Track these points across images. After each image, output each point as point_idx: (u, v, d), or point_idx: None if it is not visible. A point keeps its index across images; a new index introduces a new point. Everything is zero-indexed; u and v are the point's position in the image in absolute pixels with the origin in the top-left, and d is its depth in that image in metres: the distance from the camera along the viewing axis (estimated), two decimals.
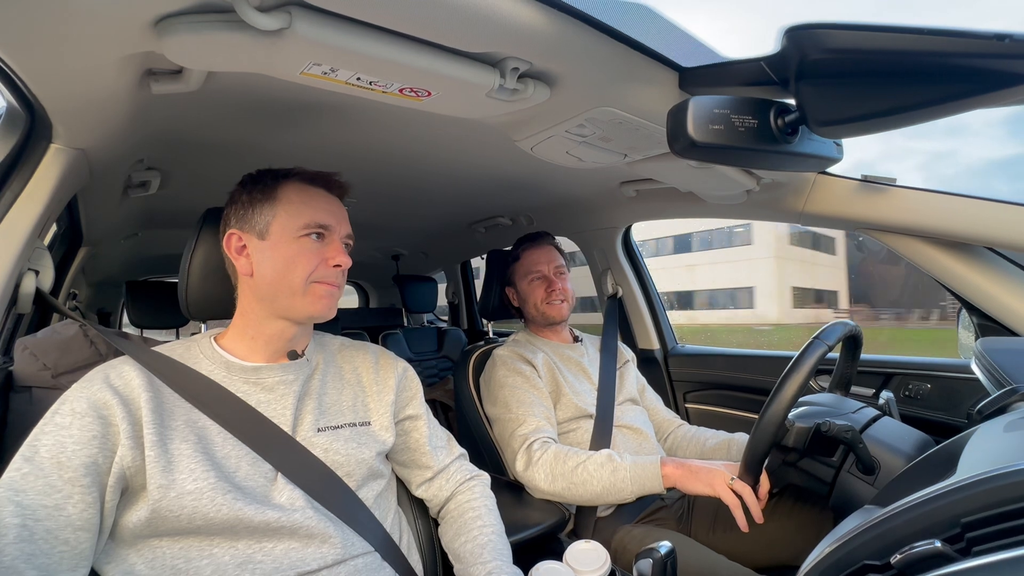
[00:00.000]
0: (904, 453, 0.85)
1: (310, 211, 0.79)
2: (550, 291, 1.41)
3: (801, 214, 1.25)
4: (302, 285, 0.76)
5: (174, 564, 0.64)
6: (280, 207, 0.78)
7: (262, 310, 0.79)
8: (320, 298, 0.78)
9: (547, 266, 1.44)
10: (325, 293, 0.78)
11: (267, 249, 0.77)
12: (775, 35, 0.59)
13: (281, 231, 0.77)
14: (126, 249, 2.25)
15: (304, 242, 0.77)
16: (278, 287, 0.76)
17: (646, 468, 1.06)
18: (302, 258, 0.76)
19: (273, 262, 0.76)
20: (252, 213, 0.78)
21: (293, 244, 0.77)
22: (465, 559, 0.83)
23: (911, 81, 0.54)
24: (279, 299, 0.77)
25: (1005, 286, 1.05)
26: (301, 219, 0.78)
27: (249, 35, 0.61)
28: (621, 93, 0.85)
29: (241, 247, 0.78)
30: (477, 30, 0.65)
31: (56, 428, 0.63)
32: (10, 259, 0.75)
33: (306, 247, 0.77)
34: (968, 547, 0.38)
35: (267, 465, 0.72)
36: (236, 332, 0.81)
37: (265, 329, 0.79)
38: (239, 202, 0.80)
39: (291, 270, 0.76)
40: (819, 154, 0.71)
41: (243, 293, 0.81)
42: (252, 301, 0.79)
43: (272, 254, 0.76)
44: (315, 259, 0.77)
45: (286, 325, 0.80)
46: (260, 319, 0.79)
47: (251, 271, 0.77)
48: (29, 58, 0.64)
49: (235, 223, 0.79)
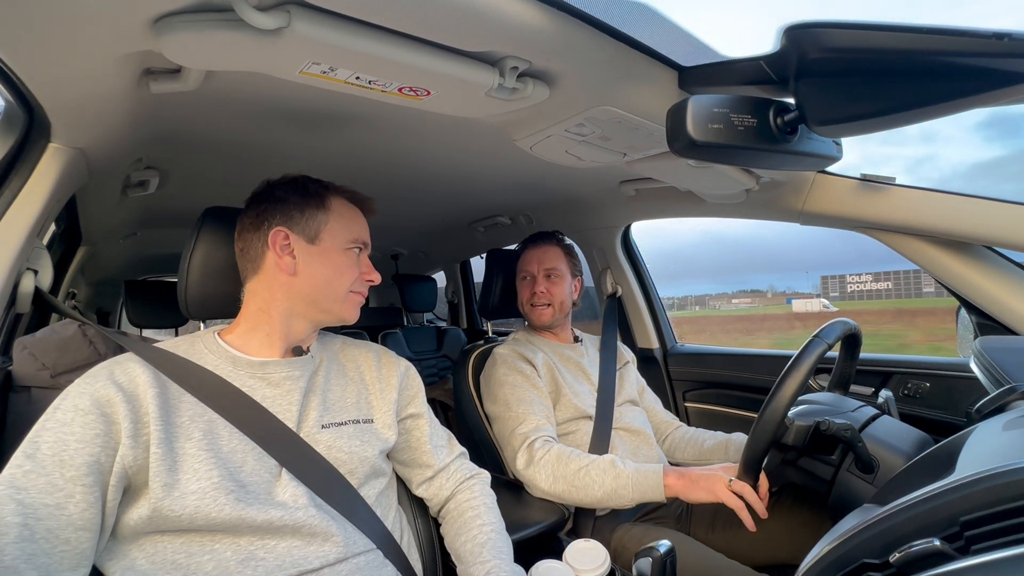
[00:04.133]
0: (903, 452, 0.85)
1: (357, 227, 0.85)
2: (532, 293, 1.39)
3: (800, 213, 1.25)
4: (344, 293, 0.82)
5: (175, 560, 0.64)
6: (332, 217, 0.83)
7: (293, 308, 0.80)
8: (354, 307, 0.85)
9: (536, 266, 1.41)
10: (358, 302, 0.86)
11: (318, 254, 0.80)
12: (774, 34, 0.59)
13: (332, 239, 0.82)
14: (125, 248, 2.24)
15: (350, 254, 0.83)
16: (323, 291, 0.81)
17: (648, 477, 1.06)
18: (349, 270, 0.83)
19: (323, 267, 0.80)
20: (303, 216, 0.81)
21: (343, 255, 0.82)
22: (465, 558, 0.83)
23: (910, 80, 0.54)
24: (320, 302, 0.81)
25: (1004, 285, 1.05)
26: (351, 233, 0.84)
27: (248, 34, 0.61)
28: (620, 92, 0.84)
29: (286, 245, 0.79)
30: (476, 29, 0.65)
31: (58, 425, 0.62)
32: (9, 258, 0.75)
33: (352, 259, 0.84)
34: (967, 545, 0.38)
35: (272, 460, 0.72)
36: (248, 328, 0.81)
37: (288, 326, 0.81)
38: (287, 202, 0.81)
39: (339, 278, 0.82)
40: (818, 153, 0.71)
41: (268, 289, 0.80)
42: (283, 299, 0.80)
43: (323, 259, 0.81)
44: (356, 271, 0.84)
45: (310, 326, 0.83)
46: (285, 316, 0.80)
47: (294, 271, 0.79)
48: (27, 57, 0.64)
49: (282, 221, 0.80)
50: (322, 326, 0.86)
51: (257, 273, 0.81)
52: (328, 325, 0.86)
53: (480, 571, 0.79)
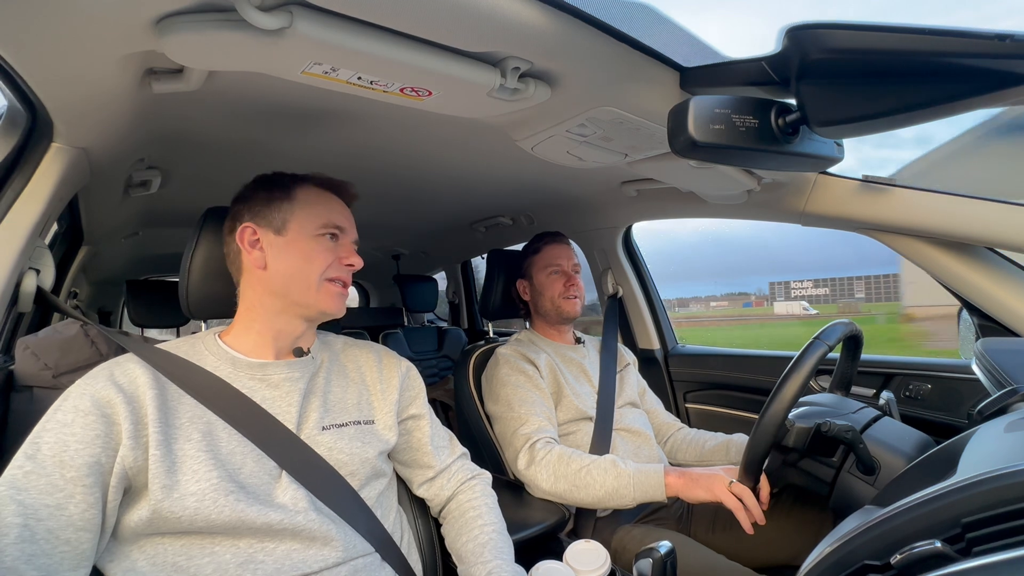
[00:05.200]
0: (904, 453, 0.85)
1: (327, 212, 0.83)
2: (568, 285, 1.43)
3: (802, 214, 1.25)
4: (317, 281, 0.79)
5: (176, 562, 0.64)
6: (298, 206, 0.81)
7: (272, 305, 0.80)
8: (333, 296, 0.81)
9: (567, 262, 1.46)
10: (337, 292, 0.82)
11: (284, 244, 0.79)
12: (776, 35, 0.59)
13: (299, 228, 0.80)
14: (127, 248, 2.25)
15: (321, 240, 0.81)
16: (293, 281, 0.79)
17: (649, 476, 1.07)
18: (319, 256, 0.80)
19: (290, 256, 0.79)
20: (269, 209, 0.80)
21: (311, 241, 0.80)
22: (466, 559, 0.83)
23: (912, 81, 0.54)
24: (292, 294, 0.79)
25: (1005, 286, 1.05)
26: (319, 219, 0.81)
27: (250, 34, 0.61)
28: (622, 93, 0.84)
29: (255, 240, 0.80)
30: (478, 29, 0.65)
31: (59, 426, 0.62)
32: (11, 258, 0.75)
33: (323, 245, 0.81)
34: (968, 547, 0.38)
35: (271, 463, 0.72)
36: (241, 327, 0.81)
37: (274, 324, 0.80)
38: (254, 198, 0.82)
39: (308, 265, 0.79)
40: (820, 154, 0.71)
41: (250, 287, 0.81)
42: (262, 295, 0.80)
43: (289, 249, 0.79)
44: (330, 256, 0.81)
45: (295, 321, 0.81)
46: (270, 314, 0.80)
47: (264, 264, 0.79)
48: (30, 57, 0.64)
49: (250, 217, 0.81)
50: (309, 321, 0.83)
51: (241, 274, 0.82)
52: (313, 319, 0.83)
53: (481, 571, 0.79)
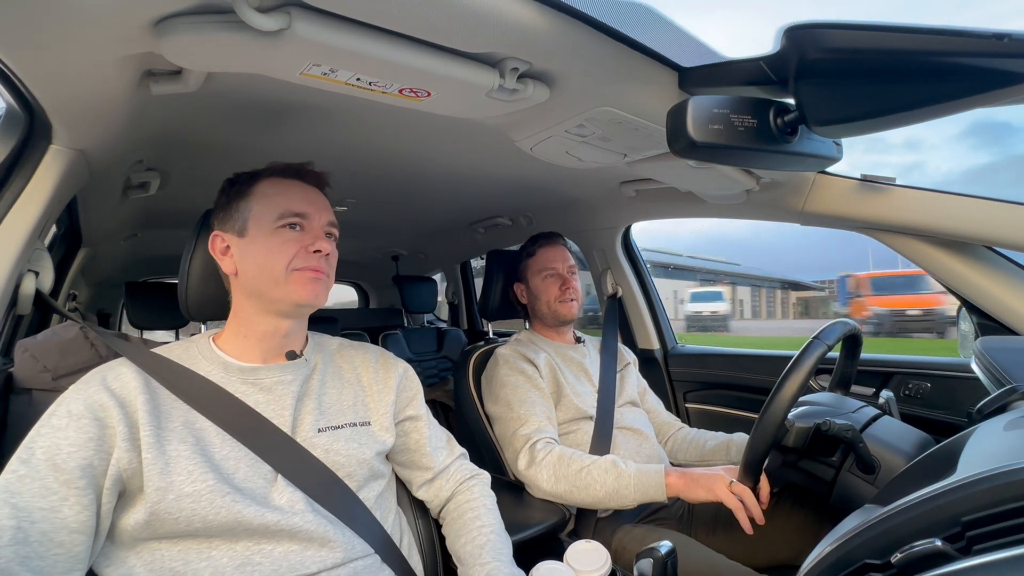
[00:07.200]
0: (904, 452, 0.85)
1: (284, 201, 0.79)
2: (564, 288, 1.42)
3: (801, 213, 1.25)
4: (283, 274, 0.76)
5: (172, 567, 0.64)
6: (254, 202, 0.79)
7: (252, 307, 0.79)
8: (304, 283, 0.77)
9: (562, 264, 1.45)
10: (309, 279, 0.77)
11: (247, 245, 0.78)
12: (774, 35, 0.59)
13: (257, 225, 0.78)
14: (126, 250, 2.25)
15: (282, 232, 0.77)
16: (261, 280, 0.77)
17: (650, 476, 1.06)
18: (282, 247, 0.76)
19: (253, 256, 0.77)
20: (230, 212, 0.80)
21: (271, 236, 0.77)
22: (465, 560, 0.83)
23: (910, 80, 0.54)
24: (264, 292, 0.77)
25: (1005, 285, 1.05)
26: (275, 210, 0.78)
27: (249, 36, 0.61)
28: (621, 93, 0.85)
29: (225, 248, 0.79)
30: (476, 30, 0.65)
31: (52, 430, 0.63)
32: (10, 260, 0.75)
33: (284, 237, 0.77)
34: (968, 546, 0.38)
35: (266, 467, 0.72)
36: (231, 332, 0.81)
37: (257, 327, 0.79)
38: (219, 204, 0.82)
39: (271, 261, 0.76)
40: (818, 154, 0.71)
41: (234, 293, 0.82)
42: (242, 300, 0.80)
43: (251, 249, 0.77)
44: (293, 247, 0.77)
45: (278, 321, 0.79)
46: (251, 317, 0.79)
47: (235, 270, 0.78)
48: (28, 59, 0.64)
49: (218, 225, 0.81)
50: (290, 317, 0.80)
51: (227, 280, 0.83)
52: (291, 314, 0.80)
53: (480, 573, 0.79)
